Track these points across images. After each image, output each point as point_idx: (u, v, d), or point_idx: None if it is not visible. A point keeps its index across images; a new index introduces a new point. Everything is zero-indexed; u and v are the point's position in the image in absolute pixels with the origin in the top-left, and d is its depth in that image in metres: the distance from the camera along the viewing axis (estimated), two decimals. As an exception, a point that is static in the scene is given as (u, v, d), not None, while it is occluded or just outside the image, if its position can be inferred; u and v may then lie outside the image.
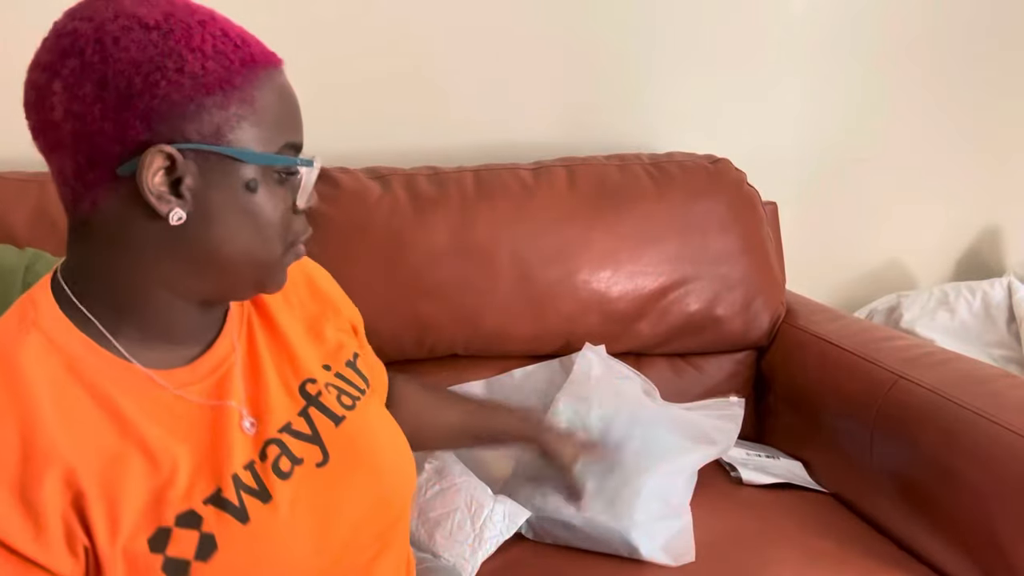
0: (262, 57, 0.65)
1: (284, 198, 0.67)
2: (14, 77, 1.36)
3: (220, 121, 0.62)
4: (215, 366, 0.71)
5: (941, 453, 1.16)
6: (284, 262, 0.70)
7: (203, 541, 0.63)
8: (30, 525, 0.58)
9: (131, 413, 0.64)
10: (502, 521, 1.13)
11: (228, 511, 0.65)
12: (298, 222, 0.70)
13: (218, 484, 0.66)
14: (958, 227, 2.04)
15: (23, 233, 1.30)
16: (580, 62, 1.71)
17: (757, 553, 1.15)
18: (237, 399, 0.71)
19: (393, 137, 1.64)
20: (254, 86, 0.63)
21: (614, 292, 1.47)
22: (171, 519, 0.62)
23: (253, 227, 0.65)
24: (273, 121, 0.65)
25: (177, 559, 0.62)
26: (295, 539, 0.68)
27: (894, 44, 1.86)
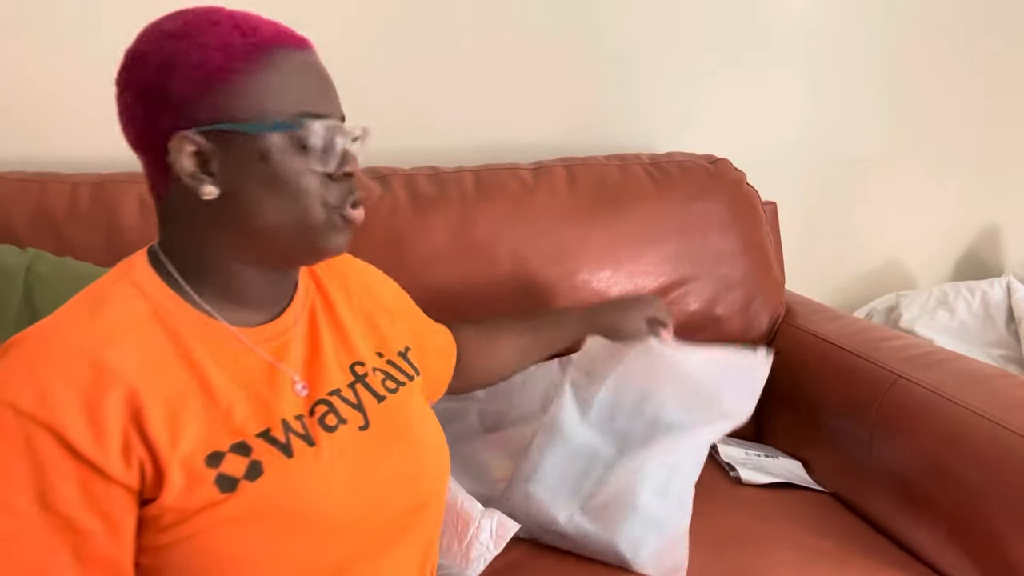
0: (272, 40, 0.72)
1: (310, 164, 0.73)
2: (14, 78, 1.36)
3: (228, 102, 0.70)
4: (278, 333, 0.80)
5: (941, 453, 1.16)
6: (332, 226, 0.76)
7: (251, 465, 0.71)
8: (92, 431, 0.64)
9: (201, 358, 0.72)
10: (489, 539, 1.11)
11: (275, 446, 0.73)
12: (336, 187, 0.76)
13: (268, 424, 0.74)
14: (958, 227, 2.05)
15: (24, 233, 1.30)
16: (580, 62, 1.72)
17: (756, 553, 1.15)
18: (293, 365, 0.79)
19: (393, 137, 1.64)
20: (260, 66, 0.71)
21: (614, 292, 1.47)
22: (225, 446, 0.71)
23: (279, 195, 0.72)
24: (282, 95, 0.71)
25: (228, 476, 0.69)
26: (332, 483, 0.76)
27: (894, 44, 1.86)
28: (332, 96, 0.77)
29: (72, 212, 1.34)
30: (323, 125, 0.73)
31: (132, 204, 1.32)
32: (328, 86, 0.77)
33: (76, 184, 1.36)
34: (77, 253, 1.29)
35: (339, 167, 0.75)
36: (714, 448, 1.44)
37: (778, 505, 1.28)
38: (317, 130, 0.72)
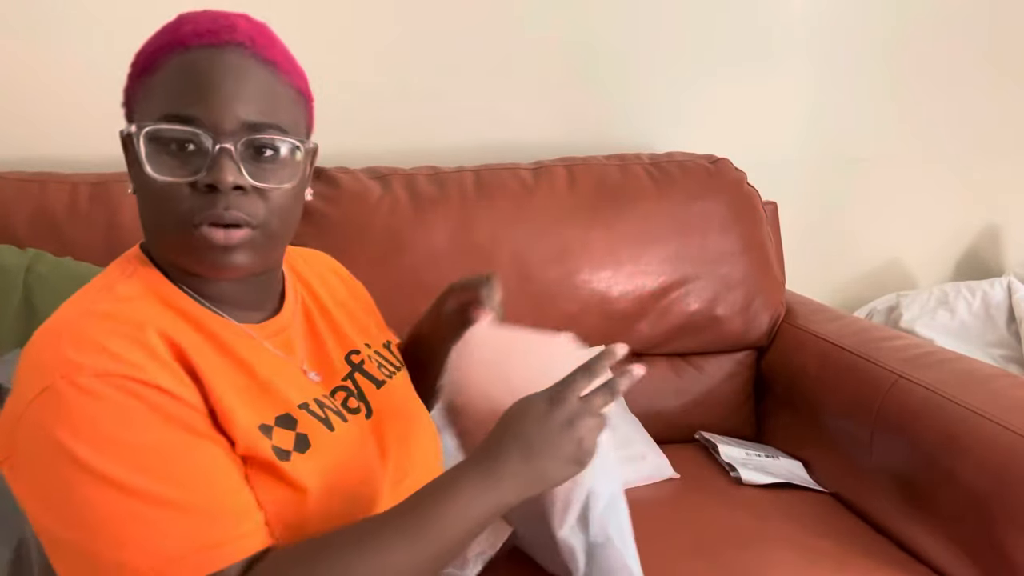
0: (179, 40, 0.70)
1: (175, 171, 0.68)
2: (14, 78, 1.36)
3: (130, 106, 0.72)
4: (280, 328, 0.80)
5: (941, 453, 1.16)
6: (184, 241, 0.69)
7: (299, 439, 0.72)
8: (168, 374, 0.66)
9: (223, 337, 0.72)
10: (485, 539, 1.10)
11: (316, 418, 0.75)
12: (194, 199, 0.68)
13: (304, 400, 0.75)
14: (958, 227, 2.04)
15: (24, 233, 1.31)
16: (580, 62, 1.72)
17: (756, 553, 1.15)
18: (301, 359, 0.80)
19: (393, 137, 1.65)
20: (155, 68, 0.70)
21: (614, 292, 1.47)
22: (271, 419, 0.71)
23: (143, 199, 0.72)
24: (155, 98, 0.69)
25: (281, 448, 0.70)
26: (363, 458, 0.78)
27: (894, 44, 1.86)
28: (217, 98, 0.68)
29: (72, 212, 1.34)
30: (167, 129, 0.68)
31: (132, 204, 1.32)
32: (216, 88, 0.68)
33: (76, 184, 1.36)
34: (77, 253, 1.29)
35: (199, 180, 0.67)
36: (715, 448, 1.44)
37: (778, 505, 1.28)
38: (158, 134, 0.68)
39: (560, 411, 0.71)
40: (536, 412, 0.71)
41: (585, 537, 0.93)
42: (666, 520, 1.23)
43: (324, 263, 0.96)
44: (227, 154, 0.67)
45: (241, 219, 0.68)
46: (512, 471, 0.69)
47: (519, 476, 0.69)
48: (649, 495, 1.32)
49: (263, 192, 0.69)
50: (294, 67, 0.75)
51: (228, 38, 0.69)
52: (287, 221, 0.73)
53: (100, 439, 0.62)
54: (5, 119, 1.49)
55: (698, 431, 1.52)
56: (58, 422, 0.62)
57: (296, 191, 0.73)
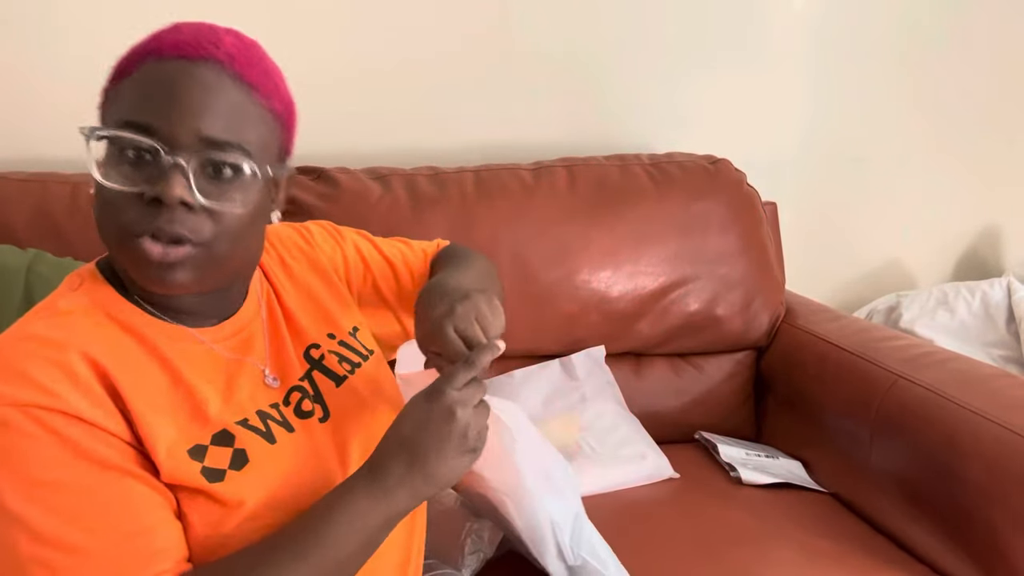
0: (153, 51, 0.69)
1: (124, 179, 0.66)
2: (14, 78, 1.36)
3: (101, 110, 0.71)
4: (239, 328, 0.78)
5: (941, 453, 1.16)
6: (125, 250, 0.67)
7: (236, 455, 0.70)
8: (87, 400, 0.64)
9: (168, 352, 0.71)
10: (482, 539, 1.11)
11: (256, 433, 0.73)
12: (137, 210, 0.66)
13: (246, 415, 0.73)
14: (958, 227, 2.04)
15: (24, 233, 1.31)
16: (580, 63, 1.72)
17: (756, 553, 1.15)
18: (260, 359, 0.79)
19: (393, 137, 1.65)
20: (125, 76, 0.69)
21: (614, 292, 1.47)
22: (207, 438, 0.70)
23: (96, 202, 0.69)
24: (121, 103, 0.68)
25: (214, 468, 0.69)
26: (315, 465, 0.76)
27: (894, 44, 1.86)
28: (179, 110, 0.66)
29: (72, 212, 1.34)
30: (119, 136, 0.66)
31: (132, 204, 1.32)
32: (180, 100, 0.66)
33: (76, 184, 1.36)
34: (77, 253, 1.29)
35: (145, 191, 0.65)
36: (714, 448, 1.44)
37: (778, 505, 1.28)
38: (113, 140, 0.66)
39: (438, 404, 0.69)
40: (415, 413, 0.70)
41: (564, 564, 0.97)
42: (666, 520, 1.23)
43: (289, 242, 0.91)
44: (179, 169, 0.65)
45: (183, 236, 0.66)
46: (399, 478, 0.68)
47: (407, 482, 0.68)
48: (649, 495, 1.32)
49: (212, 212, 0.67)
50: (276, 90, 0.73)
51: (206, 53, 0.68)
52: (237, 244, 0.70)
53: (11, 474, 0.61)
54: (5, 119, 1.49)
55: (698, 431, 1.52)
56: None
57: (253, 215, 0.71)
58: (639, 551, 1.14)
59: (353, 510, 0.68)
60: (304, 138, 0.78)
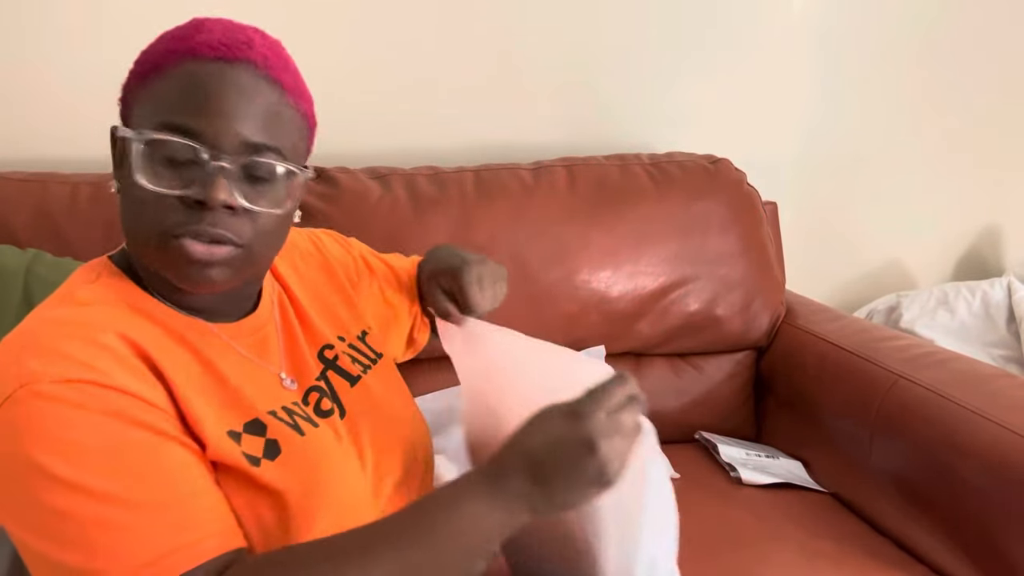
0: (189, 50, 0.68)
1: (154, 180, 0.66)
2: (15, 78, 1.36)
3: (129, 106, 0.71)
4: (256, 328, 0.79)
5: (941, 453, 1.16)
6: (162, 251, 0.68)
7: (268, 444, 0.70)
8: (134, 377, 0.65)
9: (192, 340, 0.72)
10: None
11: (286, 424, 0.73)
12: (178, 211, 0.67)
13: (274, 407, 0.74)
14: (958, 227, 2.04)
15: (24, 233, 1.31)
16: (580, 62, 1.72)
17: (756, 553, 1.15)
18: (276, 363, 0.79)
19: (393, 137, 1.65)
20: (160, 75, 0.69)
21: (614, 292, 1.47)
22: (239, 425, 0.70)
23: (126, 202, 0.70)
24: (158, 103, 0.68)
25: (250, 454, 0.69)
26: (343, 459, 0.76)
27: (894, 44, 1.86)
28: (222, 114, 0.67)
29: (72, 212, 1.34)
30: (167, 139, 0.66)
31: (132, 204, 1.32)
32: (221, 103, 0.67)
33: (76, 184, 1.36)
34: (77, 253, 1.29)
35: (188, 194, 0.66)
36: (715, 448, 1.44)
37: (778, 505, 1.28)
38: (159, 144, 0.66)
39: (581, 429, 0.63)
40: (551, 429, 0.64)
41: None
42: (666, 520, 1.23)
43: (298, 248, 0.93)
44: (223, 172, 0.66)
45: (225, 237, 0.67)
46: (518, 490, 0.63)
47: (526, 497, 0.63)
48: (649, 495, 1.32)
49: (252, 214, 0.68)
50: (302, 91, 0.74)
51: (241, 54, 0.68)
52: (271, 244, 0.73)
53: (65, 446, 0.61)
54: (5, 119, 1.49)
55: (698, 431, 1.52)
56: (21, 433, 0.61)
57: (287, 215, 0.73)
58: (639, 551, 1.14)
59: (467, 511, 0.63)
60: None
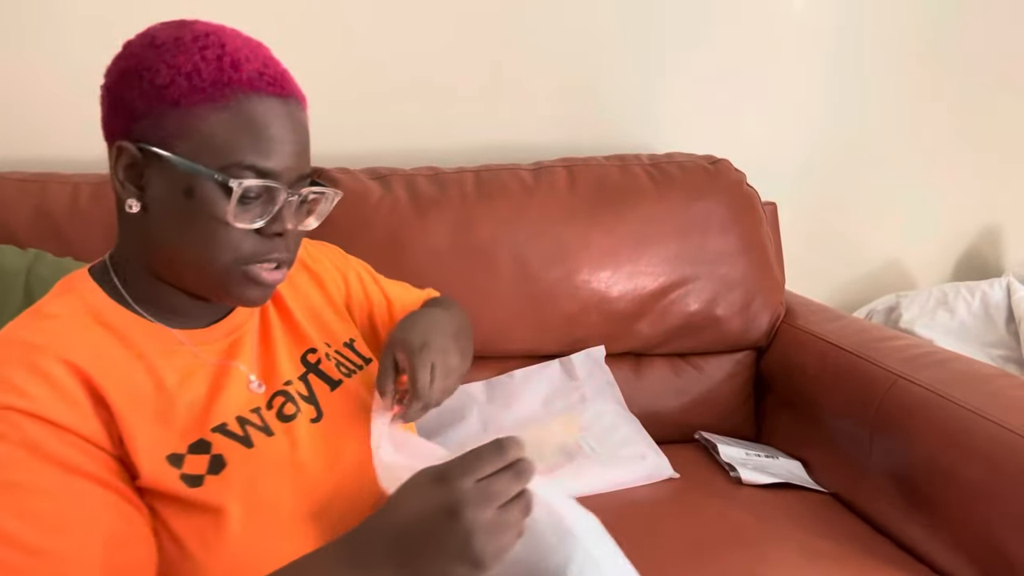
0: (246, 83, 0.70)
1: (233, 217, 0.70)
2: (14, 78, 1.36)
3: (174, 129, 0.69)
4: (230, 330, 0.80)
5: (940, 453, 1.16)
6: (233, 279, 0.73)
7: (213, 460, 0.71)
8: (65, 405, 0.66)
9: (152, 357, 0.73)
10: None
11: (233, 439, 0.74)
12: (257, 243, 0.72)
13: (224, 420, 0.74)
14: (958, 227, 2.04)
15: (24, 233, 1.31)
16: (580, 62, 1.72)
17: (756, 553, 1.15)
18: (247, 363, 0.80)
19: (393, 137, 1.65)
20: (219, 107, 0.69)
21: (614, 292, 1.47)
22: (184, 447, 0.71)
23: (191, 233, 0.71)
24: (228, 141, 0.69)
25: (191, 474, 0.70)
26: (292, 471, 0.76)
27: (894, 44, 1.86)
28: (289, 152, 0.71)
29: (72, 212, 1.34)
30: (257, 184, 0.69)
31: (132, 204, 1.32)
32: (288, 142, 0.71)
33: (76, 184, 1.36)
34: (77, 253, 1.29)
35: (267, 227, 0.72)
36: (714, 448, 1.44)
37: (778, 505, 1.28)
38: (248, 188, 0.69)
39: (443, 494, 0.56)
40: (414, 498, 0.58)
41: None
42: (666, 520, 1.23)
43: (301, 262, 0.95)
44: (291, 205, 0.73)
45: (287, 259, 0.75)
46: (379, 565, 0.57)
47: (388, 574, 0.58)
48: (649, 495, 1.32)
49: (297, 233, 0.76)
50: None
51: (290, 90, 0.72)
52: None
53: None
54: (5, 119, 1.49)
55: (698, 431, 1.52)
56: None
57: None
58: (639, 551, 1.14)
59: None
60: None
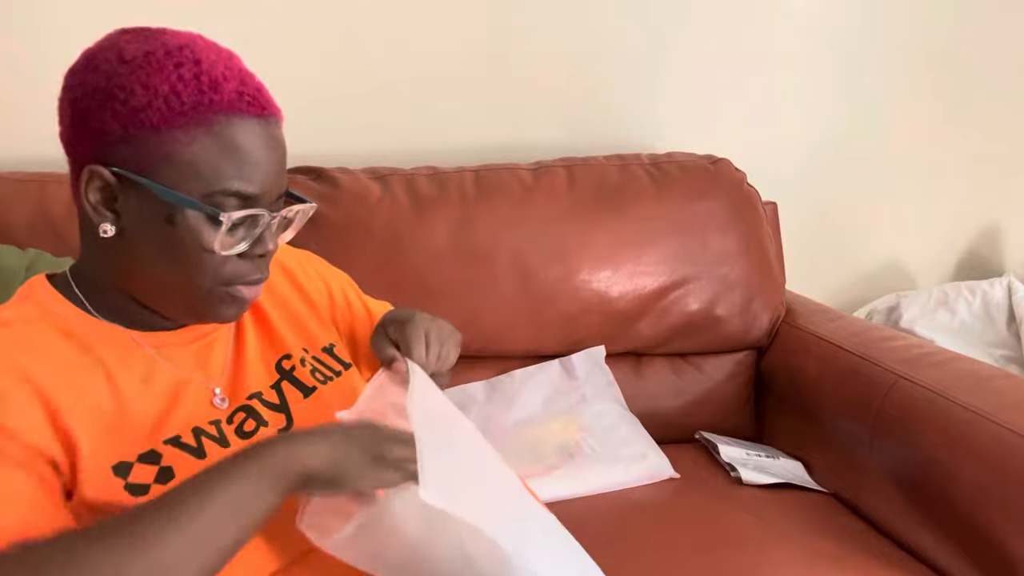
0: (226, 105, 0.67)
1: (215, 244, 0.69)
2: (15, 78, 1.36)
3: (151, 154, 0.67)
4: (200, 335, 0.79)
5: (941, 453, 1.16)
6: (215, 300, 0.73)
7: (161, 471, 0.70)
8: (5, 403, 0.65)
9: (111, 363, 0.72)
10: None
11: (186, 451, 0.72)
12: (237, 264, 0.72)
13: (179, 432, 0.73)
14: (958, 227, 2.04)
15: (23, 233, 1.31)
16: (580, 62, 1.71)
17: (756, 553, 1.15)
18: (214, 373, 0.79)
19: (393, 137, 1.65)
20: (200, 132, 0.67)
21: (614, 292, 1.47)
22: (133, 456, 0.70)
23: (172, 260, 0.70)
24: (208, 166, 0.67)
25: (137, 484, 0.69)
26: None
27: (894, 44, 1.86)
28: (270, 172, 0.70)
29: (72, 212, 1.33)
30: (241, 214, 0.69)
31: (132, 204, 1.32)
32: (270, 162, 0.70)
33: (76, 184, 1.36)
34: (76, 253, 1.29)
35: (250, 251, 0.72)
36: (715, 448, 1.44)
37: (778, 505, 1.28)
38: (232, 216, 0.68)
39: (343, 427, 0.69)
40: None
41: None
42: (666, 520, 1.23)
43: (280, 266, 0.92)
44: (273, 226, 0.73)
45: (265, 276, 0.75)
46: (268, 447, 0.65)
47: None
48: (649, 495, 1.32)
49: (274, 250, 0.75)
50: None
51: (269, 110, 0.71)
52: None
53: None
54: (5, 119, 1.49)
55: (698, 431, 1.52)
56: None
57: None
58: (639, 551, 1.14)
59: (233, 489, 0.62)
60: (304, 138, 0.80)
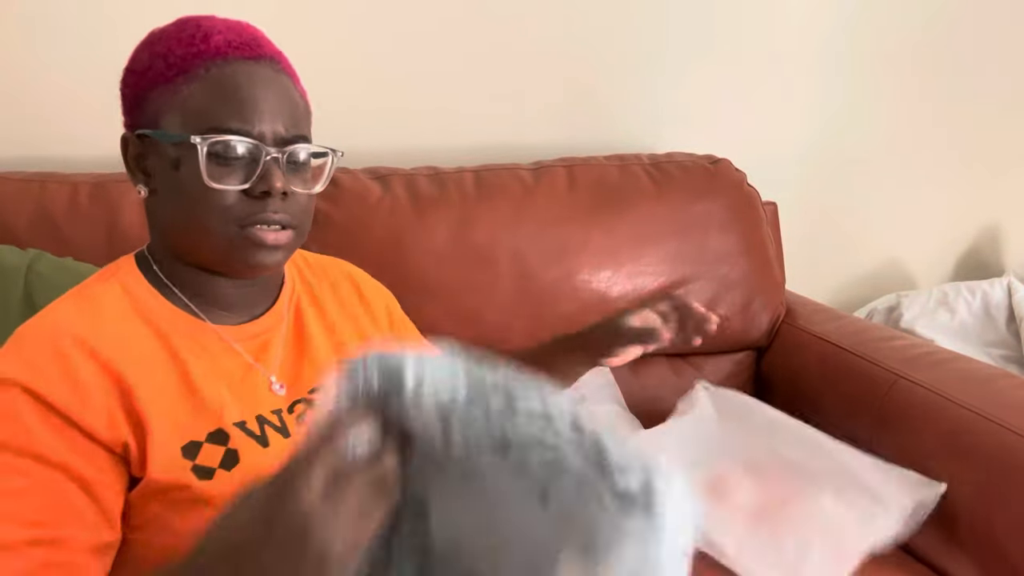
0: (214, 51, 0.72)
1: (219, 179, 0.72)
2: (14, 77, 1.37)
3: (156, 109, 0.73)
4: (259, 332, 0.82)
5: (940, 453, 1.16)
6: (233, 243, 0.74)
7: (227, 454, 0.73)
8: (73, 394, 0.67)
9: (181, 350, 0.75)
10: None
11: (251, 436, 0.75)
12: (246, 203, 0.73)
13: (244, 417, 0.76)
14: (958, 227, 2.04)
15: (24, 233, 1.31)
16: (580, 62, 1.71)
17: (757, 553, 1.14)
18: (271, 366, 0.81)
19: (393, 137, 1.65)
20: (191, 77, 0.72)
21: (614, 292, 1.47)
22: (203, 435, 0.72)
23: (185, 204, 0.73)
24: (199, 107, 0.72)
25: (204, 466, 0.71)
26: None
27: (894, 44, 1.86)
28: (266, 110, 0.73)
29: (72, 212, 1.34)
30: (223, 140, 0.71)
31: (132, 204, 1.32)
32: (263, 100, 0.73)
33: (76, 184, 1.36)
34: (77, 253, 1.29)
35: (252, 187, 0.73)
36: (714, 448, 1.44)
37: (778, 505, 1.28)
38: (218, 145, 0.71)
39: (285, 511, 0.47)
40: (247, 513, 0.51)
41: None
42: (666, 520, 1.23)
43: (341, 270, 0.97)
44: (276, 163, 0.73)
45: (287, 220, 0.75)
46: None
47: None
48: (649, 495, 1.32)
49: (297, 196, 0.76)
50: (298, 79, 0.80)
51: (260, 52, 0.74)
52: (309, 223, 0.81)
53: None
54: (5, 119, 1.49)
55: (698, 431, 1.52)
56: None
57: (316, 195, 0.81)
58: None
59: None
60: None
